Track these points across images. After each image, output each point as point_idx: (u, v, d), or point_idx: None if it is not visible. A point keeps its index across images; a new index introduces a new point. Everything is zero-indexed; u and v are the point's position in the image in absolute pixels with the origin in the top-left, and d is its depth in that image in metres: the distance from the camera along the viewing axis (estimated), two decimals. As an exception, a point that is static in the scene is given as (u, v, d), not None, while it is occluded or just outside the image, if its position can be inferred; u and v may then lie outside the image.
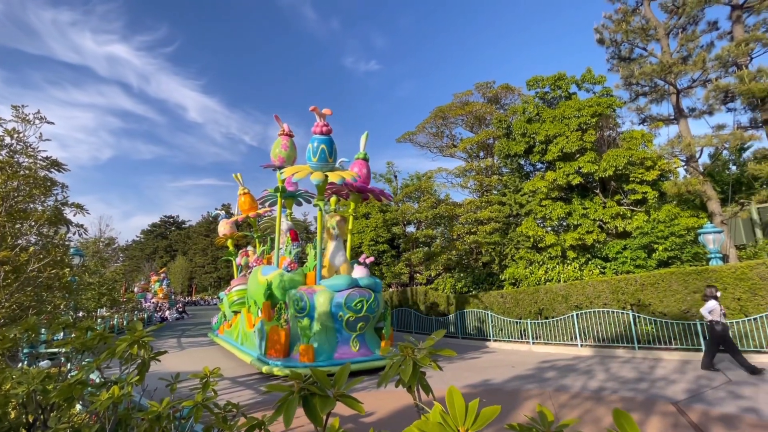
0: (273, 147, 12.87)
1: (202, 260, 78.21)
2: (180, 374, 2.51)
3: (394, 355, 1.30)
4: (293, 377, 1.07)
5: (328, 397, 1.01)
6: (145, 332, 2.35)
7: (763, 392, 6.80)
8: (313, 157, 11.03)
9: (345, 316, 10.09)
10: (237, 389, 9.03)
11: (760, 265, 9.89)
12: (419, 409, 1.27)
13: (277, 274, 11.39)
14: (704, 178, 14.78)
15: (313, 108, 11.02)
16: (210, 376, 2.34)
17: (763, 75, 13.19)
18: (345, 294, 10.20)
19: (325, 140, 11.13)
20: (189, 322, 30.78)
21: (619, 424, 1.29)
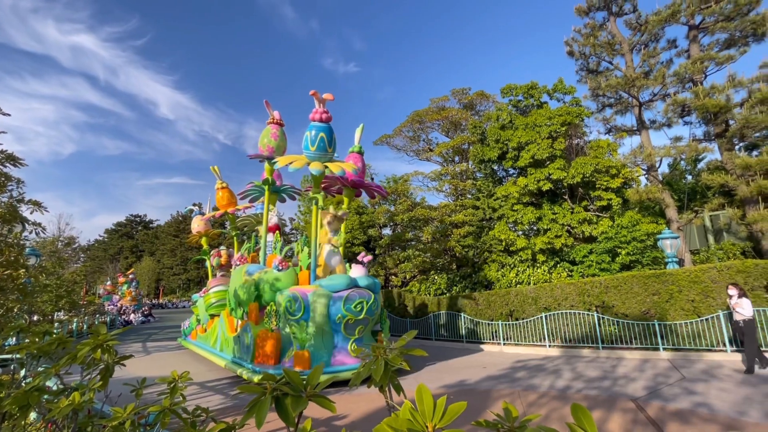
0: (261, 136, 11.94)
1: (170, 261, 75.39)
2: (146, 379, 2.43)
3: None
4: (266, 378, 1.07)
5: (301, 397, 1.02)
6: (109, 335, 2.27)
7: (714, 388, 7.27)
8: (311, 146, 10.10)
9: (344, 319, 9.25)
10: (207, 394, 8.76)
11: (712, 269, 10.57)
12: (391, 408, 1.30)
13: (266, 273, 10.46)
14: (663, 186, 15.67)
15: (313, 92, 10.10)
16: (178, 381, 2.28)
17: (715, 91, 14.15)
18: (344, 295, 9.39)
19: (324, 128, 10.21)
20: (156, 325, 29.58)
21: (576, 418, 1.37)
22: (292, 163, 9.92)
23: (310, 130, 10.25)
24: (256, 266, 11.39)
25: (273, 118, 12.10)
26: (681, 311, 10.66)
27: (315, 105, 10.33)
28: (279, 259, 10.44)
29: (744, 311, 8.57)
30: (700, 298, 10.50)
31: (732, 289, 8.95)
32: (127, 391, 2.42)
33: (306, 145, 10.23)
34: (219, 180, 16.96)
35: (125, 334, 23.25)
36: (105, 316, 27.27)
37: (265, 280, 10.25)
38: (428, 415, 1.07)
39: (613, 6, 17.29)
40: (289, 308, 9.33)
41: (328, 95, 10.26)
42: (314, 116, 10.28)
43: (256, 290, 10.26)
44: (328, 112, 10.37)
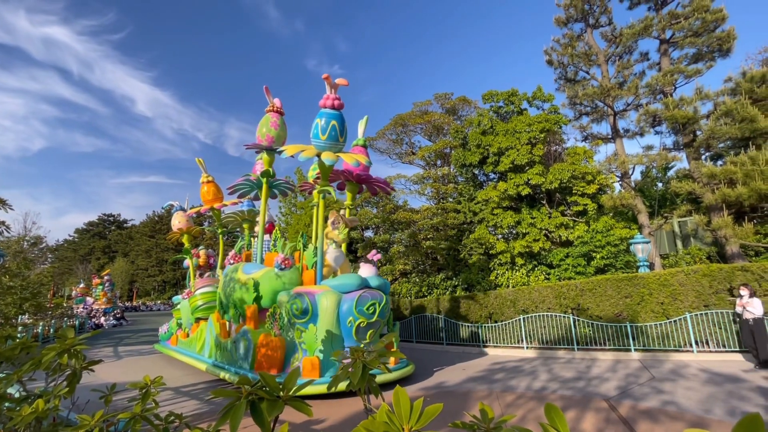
0: (260, 125, 11.14)
1: (145, 262, 73.05)
2: (116, 385, 2.35)
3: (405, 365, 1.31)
4: (241, 382, 1.06)
5: (277, 401, 1.01)
6: (77, 340, 2.18)
7: (680, 387, 7.57)
8: (322, 135, 9.16)
9: (356, 322, 8.50)
10: (182, 399, 8.51)
11: (680, 273, 11.04)
12: (368, 411, 1.30)
13: (267, 273, 9.62)
14: (636, 193, 16.26)
15: (325, 76, 9.23)
16: (151, 386, 2.21)
17: (684, 103, 14.82)
18: (355, 296, 8.67)
19: (336, 116, 9.32)
20: (128, 329, 28.55)
21: (549, 418, 1.40)
22: (302, 152, 8.94)
23: (321, 117, 9.31)
24: (253, 265, 10.58)
25: (273, 106, 11.25)
26: (651, 313, 11.07)
27: (326, 90, 9.39)
28: (282, 257, 9.56)
29: (755, 310, 8.98)
30: (669, 301, 10.93)
31: (744, 289, 9.34)
32: (95, 398, 2.33)
33: (315, 133, 9.25)
34: (204, 173, 15.69)
35: (95, 338, 22.34)
36: (73, 320, 26.13)
37: (266, 280, 9.48)
38: (405, 417, 1.08)
39: (590, 18, 17.89)
40: (295, 310, 8.53)
41: (342, 80, 9.34)
42: (325, 102, 9.34)
43: (255, 291, 9.46)
44: (340, 99, 9.45)
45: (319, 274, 9.42)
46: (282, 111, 11.41)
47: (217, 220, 15.81)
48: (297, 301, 8.54)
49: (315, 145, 9.25)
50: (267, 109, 11.24)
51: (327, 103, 9.37)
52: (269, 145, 10.97)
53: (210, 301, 12.34)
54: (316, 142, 9.27)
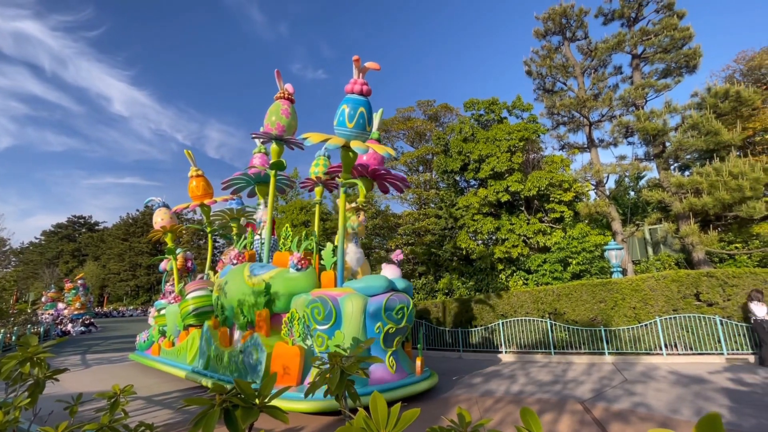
0: (269, 113, 10.30)
1: (117, 267, 70.40)
2: (83, 395, 2.25)
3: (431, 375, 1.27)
4: (215, 389, 1.03)
5: (252, 408, 1.00)
6: (41, 348, 2.08)
7: (651, 389, 7.83)
8: (348, 123, 8.26)
9: (384, 328, 7.81)
10: (154, 409, 8.21)
11: (650, 279, 11.47)
12: (346, 417, 1.29)
13: (280, 274, 8.70)
14: (609, 201, 16.83)
15: (355, 58, 8.33)
16: (120, 395, 2.13)
17: (654, 116, 15.49)
18: (383, 299, 7.93)
19: (364, 102, 8.44)
20: (98, 336, 27.36)
21: (524, 421, 1.43)
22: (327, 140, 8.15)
23: (347, 103, 8.40)
24: (262, 266, 9.57)
25: (283, 92, 10.34)
26: (624, 317, 11.44)
27: (353, 74, 8.47)
28: (298, 257, 8.61)
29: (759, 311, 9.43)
30: (640, 305, 11.32)
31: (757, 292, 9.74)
32: (60, 409, 2.22)
33: (341, 120, 8.35)
34: (193, 166, 14.34)
35: (61, 345, 21.31)
36: (38, 327, 24.88)
37: (279, 282, 8.53)
38: (382, 422, 1.08)
39: (567, 32, 18.53)
40: (316, 315, 7.65)
41: (373, 64, 8.45)
42: (353, 87, 8.42)
43: (267, 294, 8.51)
44: (367, 84, 8.56)
45: (340, 276, 8.57)
46: (293, 98, 10.54)
47: (207, 218, 14.56)
48: (318, 305, 7.64)
49: (339, 133, 8.36)
50: (277, 96, 10.37)
51: (355, 89, 8.40)
52: (280, 134, 10.05)
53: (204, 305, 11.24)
54: (342, 130, 8.33)
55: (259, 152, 13.05)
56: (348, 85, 8.50)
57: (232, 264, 10.04)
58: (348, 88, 8.49)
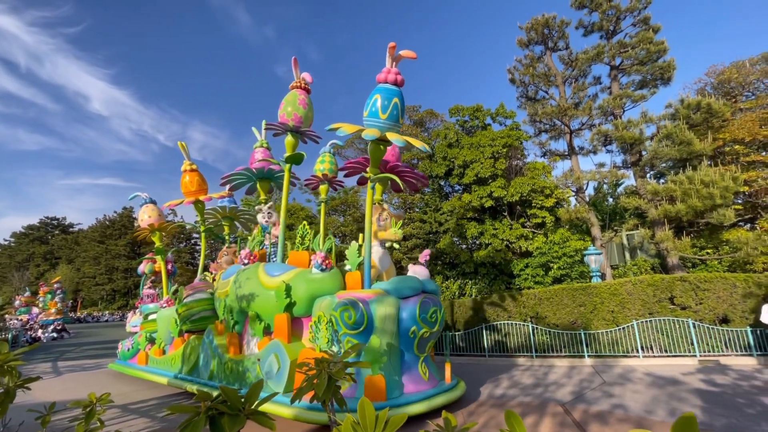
0: (285, 103, 9.65)
1: (92, 270, 67.99)
2: (56, 404, 2.17)
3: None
4: (200, 396, 1.02)
5: (238, 416, 0.98)
6: (11, 355, 2.01)
7: (629, 391, 8.04)
8: (382, 114, 7.69)
9: (419, 332, 7.36)
10: (132, 417, 7.94)
11: (628, 283, 11.80)
12: (332, 423, 1.29)
13: (301, 275, 8.07)
14: (589, 207, 17.28)
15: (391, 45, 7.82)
16: (96, 404, 2.06)
17: (631, 125, 16.03)
18: (416, 302, 7.50)
19: (398, 93, 7.90)
20: (71, 342, 26.32)
21: (509, 424, 1.45)
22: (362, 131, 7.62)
23: (380, 93, 7.85)
24: (278, 266, 8.86)
25: (300, 82, 9.77)
26: (603, 321, 11.72)
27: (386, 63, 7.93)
28: (322, 256, 8.03)
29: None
30: (618, 309, 11.63)
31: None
32: (31, 419, 2.13)
33: (374, 111, 7.78)
34: (187, 160, 13.14)
35: (32, 352, 20.41)
36: (6, 333, 23.76)
37: (301, 283, 7.92)
38: (370, 427, 1.08)
39: (549, 42, 19.02)
40: (346, 320, 7.06)
41: (409, 52, 7.91)
42: (387, 77, 7.88)
43: (287, 297, 7.89)
44: (400, 73, 8.04)
45: (367, 277, 7.97)
46: (310, 88, 10.01)
47: (201, 215, 13.51)
48: (349, 309, 7.08)
49: (371, 124, 7.79)
50: (293, 85, 9.79)
51: (389, 78, 7.85)
52: (297, 126, 9.49)
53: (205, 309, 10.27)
54: (374, 121, 7.73)
55: (261, 146, 12.22)
56: (381, 74, 7.93)
57: (242, 264, 9.30)
58: (381, 77, 7.92)
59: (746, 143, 17.79)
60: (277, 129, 9.70)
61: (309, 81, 9.86)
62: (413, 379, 7.33)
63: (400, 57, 7.95)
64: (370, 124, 7.74)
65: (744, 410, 6.51)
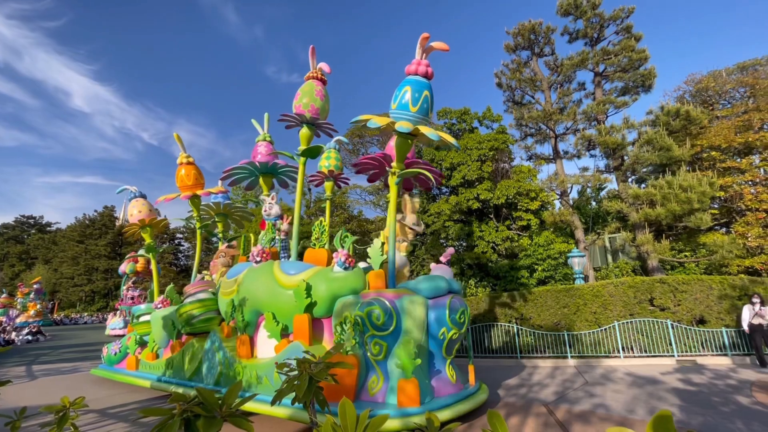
0: (301, 93, 9.27)
1: (71, 270, 66.05)
2: (27, 409, 2.09)
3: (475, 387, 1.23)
4: (175, 399, 0.99)
5: (215, 418, 0.96)
6: (-20, 359, 1.92)
7: (610, 390, 8.19)
8: (412, 107, 7.39)
9: (449, 334, 7.09)
10: (108, 422, 7.71)
11: (609, 285, 12.05)
12: (313, 425, 1.27)
13: (321, 273, 7.69)
14: (573, 210, 17.60)
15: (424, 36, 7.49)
16: (70, 408, 1.99)
17: (614, 131, 16.41)
18: (445, 302, 7.21)
19: (428, 86, 7.59)
20: (47, 345, 25.48)
21: (492, 424, 1.45)
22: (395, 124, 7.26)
23: (409, 85, 7.52)
24: (295, 264, 8.45)
25: (316, 72, 9.39)
26: (585, 322, 11.94)
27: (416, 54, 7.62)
28: (344, 253, 7.67)
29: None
30: (600, 310, 11.86)
31: (756, 297, 10.22)
32: (0, 424, 2.05)
33: (404, 104, 7.44)
34: (183, 152, 12.28)
35: (5, 356, 19.69)
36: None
37: (322, 282, 7.54)
38: (351, 429, 1.07)
39: (536, 47, 19.35)
40: (374, 320, 6.72)
41: (441, 44, 7.58)
42: (417, 69, 7.54)
43: (308, 296, 7.52)
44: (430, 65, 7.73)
45: (392, 276, 7.63)
46: (325, 79, 9.67)
47: (197, 211, 12.76)
48: (376, 309, 6.73)
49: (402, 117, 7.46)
50: (309, 76, 9.42)
51: (419, 70, 7.50)
52: (315, 117, 9.15)
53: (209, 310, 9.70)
54: (404, 114, 7.41)
55: (263, 140, 11.73)
56: (411, 66, 7.60)
57: (254, 261, 8.85)
58: (411, 69, 7.59)
59: (722, 150, 18.40)
60: (292, 121, 9.21)
61: (327, 71, 9.47)
62: (443, 383, 7.04)
63: (432, 48, 7.60)
64: (399, 117, 7.40)
65: (719, 408, 6.71)
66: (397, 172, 7.91)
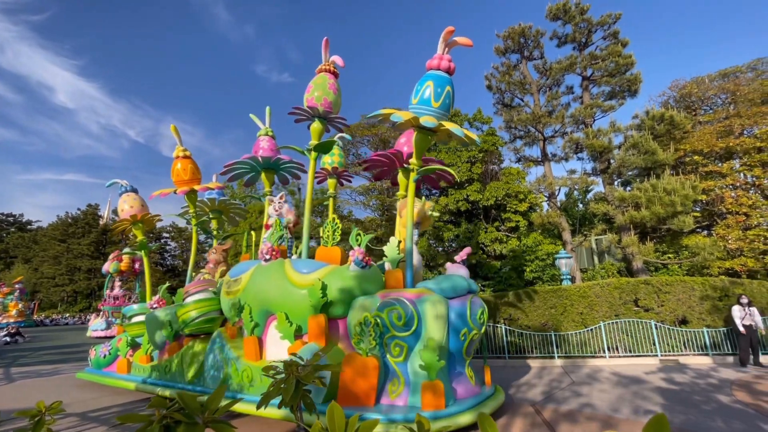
0: (313, 86, 8.94)
1: (52, 270, 64.36)
2: (1, 413, 2.00)
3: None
4: (154, 404, 0.95)
5: (196, 424, 0.92)
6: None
7: (596, 390, 8.30)
8: (434, 102, 7.19)
9: (470, 334, 6.94)
10: (89, 427, 7.50)
11: (596, 286, 12.23)
12: (300, 429, 1.24)
13: (337, 272, 7.39)
14: (561, 212, 17.83)
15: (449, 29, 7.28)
16: (46, 413, 1.91)
17: (601, 134, 16.69)
18: (466, 302, 7.04)
19: (450, 81, 7.39)
20: (26, 346, 24.74)
21: (481, 425, 1.44)
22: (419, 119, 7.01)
23: (431, 80, 7.32)
24: (308, 262, 8.13)
25: (329, 65, 9.08)
26: (572, 323, 12.09)
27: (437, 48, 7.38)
28: (361, 252, 7.38)
29: (756, 317, 10.23)
30: (587, 311, 12.02)
31: (744, 297, 10.48)
32: (-29, 431, 1.96)
33: (426, 99, 7.24)
34: (179, 145, 11.75)
35: (-20, 358, 19.04)
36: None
37: (338, 281, 7.26)
38: None
39: (525, 51, 19.57)
40: (395, 321, 6.48)
41: (465, 39, 7.34)
42: (440, 63, 7.34)
43: (323, 296, 7.20)
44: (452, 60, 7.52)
45: (410, 275, 7.42)
46: (338, 72, 9.37)
47: (192, 207, 12.15)
48: (398, 309, 6.51)
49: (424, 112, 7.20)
50: (321, 68, 9.09)
51: (442, 65, 7.30)
52: (328, 111, 8.88)
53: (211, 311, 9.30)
54: (425, 109, 7.19)
55: (265, 135, 11.30)
56: (433, 60, 7.39)
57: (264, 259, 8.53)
58: (434, 63, 7.38)
59: (704, 154, 18.87)
60: (303, 115, 8.87)
61: (340, 65, 9.16)
62: (463, 385, 6.80)
63: (455, 43, 7.36)
64: (421, 113, 7.16)
65: (700, 407, 6.86)
66: (416, 169, 7.63)
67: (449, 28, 7.23)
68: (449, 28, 7.23)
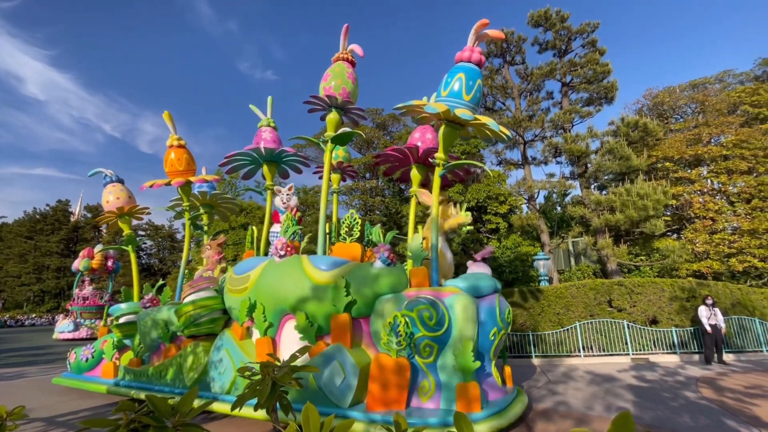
0: (331, 75, 8.62)
1: (17, 269, 61.43)
2: (-43, 420, 1.89)
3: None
4: (122, 408, 0.91)
5: (166, 428, 0.89)
6: None
7: (571, 388, 8.53)
8: (466, 95, 6.94)
9: (499, 334, 6.74)
10: (57, 431, 7.19)
11: (572, 287, 12.56)
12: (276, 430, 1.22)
13: (360, 269, 7.06)
14: (539, 215, 18.24)
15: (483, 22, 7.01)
16: (7, 419, 1.82)
17: (579, 139, 17.16)
18: (494, 301, 6.84)
19: (480, 74, 7.18)
20: (-14, 349, 23.52)
21: (457, 424, 1.45)
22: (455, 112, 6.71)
23: (462, 72, 7.05)
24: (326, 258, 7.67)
25: (347, 54, 8.74)
26: (549, 323, 12.38)
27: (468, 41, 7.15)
28: (386, 248, 7.08)
29: (719, 317, 10.65)
30: (563, 311, 12.33)
31: (710, 299, 10.88)
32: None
33: (457, 92, 6.99)
34: (173, 133, 11.07)
35: (-64, 362, 17.97)
36: None
37: (361, 279, 6.91)
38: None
39: (507, 55, 19.93)
40: (426, 320, 6.15)
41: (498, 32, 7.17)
42: (470, 56, 7.11)
43: (347, 294, 6.84)
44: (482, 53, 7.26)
45: (435, 274, 7.18)
46: (355, 61, 9.00)
47: (186, 200, 11.44)
48: (428, 308, 6.21)
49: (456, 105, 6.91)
50: (338, 57, 8.73)
51: (473, 57, 7.06)
52: (346, 100, 8.52)
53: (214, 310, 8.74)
54: (456, 101, 6.92)
55: (267, 125, 10.75)
56: (464, 53, 7.16)
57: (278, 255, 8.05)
58: (464, 55, 7.14)
59: (675, 161, 19.68)
60: (320, 104, 8.48)
61: (360, 54, 8.79)
62: (491, 386, 6.56)
63: (486, 36, 7.14)
64: (453, 105, 6.89)
65: (669, 403, 7.14)
66: (441, 164, 7.43)
67: (483, 20, 6.96)
68: (483, 20, 6.96)
